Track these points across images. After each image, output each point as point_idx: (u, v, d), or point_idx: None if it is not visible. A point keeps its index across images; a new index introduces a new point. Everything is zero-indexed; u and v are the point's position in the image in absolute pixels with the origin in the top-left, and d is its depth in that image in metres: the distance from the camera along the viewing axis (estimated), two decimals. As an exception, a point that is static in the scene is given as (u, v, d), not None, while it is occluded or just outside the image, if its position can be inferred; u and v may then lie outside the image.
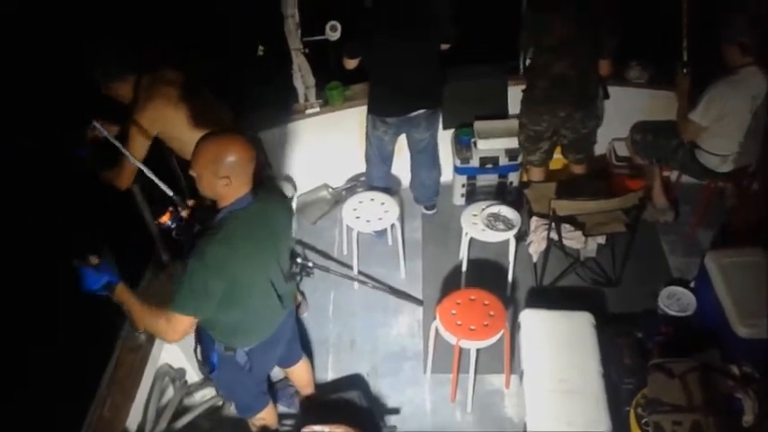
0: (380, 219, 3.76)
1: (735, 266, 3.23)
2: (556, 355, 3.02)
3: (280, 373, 3.26)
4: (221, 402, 3.22)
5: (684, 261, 3.92)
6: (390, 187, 4.20)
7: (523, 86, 3.76)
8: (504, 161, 4.16)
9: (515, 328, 3.26)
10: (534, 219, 3.68)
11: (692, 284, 3.59)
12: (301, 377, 3.14)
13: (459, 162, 4.20)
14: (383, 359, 3.58)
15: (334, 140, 4.28)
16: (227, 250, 2.16)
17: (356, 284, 3.90)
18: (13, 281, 3.88)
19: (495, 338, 3.05)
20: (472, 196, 4.34)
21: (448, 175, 4.35)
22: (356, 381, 3.48)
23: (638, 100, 4.14)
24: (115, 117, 2.98)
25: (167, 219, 2.46)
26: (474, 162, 4.18)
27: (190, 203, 2.50)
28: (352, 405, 3.17)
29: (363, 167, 4.18)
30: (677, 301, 3.52)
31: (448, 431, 3.27)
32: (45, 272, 2.21)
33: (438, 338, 3.21)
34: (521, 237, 3.76)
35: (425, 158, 4.06)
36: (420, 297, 3.87)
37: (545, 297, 3.73)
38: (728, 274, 3.20)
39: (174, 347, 3.07)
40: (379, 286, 3.84)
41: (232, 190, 2.19)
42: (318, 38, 3.79)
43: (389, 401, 3.39)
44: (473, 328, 3.04)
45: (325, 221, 4.40)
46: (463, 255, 3.83)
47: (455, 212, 4.10)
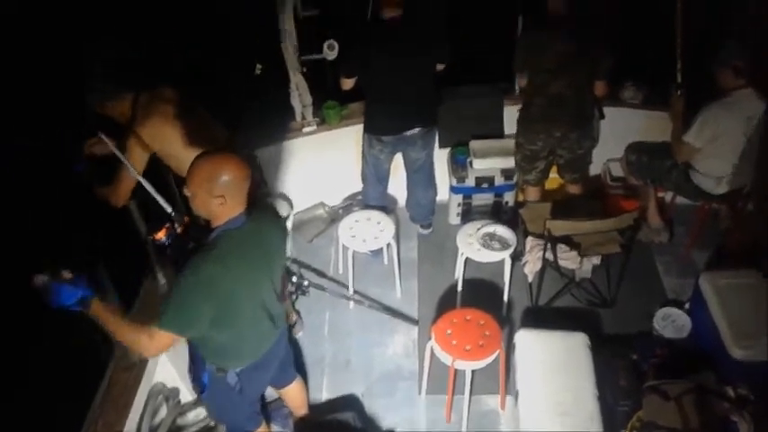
0: (376, 238, 3.76)
1: (730, 288, 3.24)
2: (551, 377, 3.00)
3: (274, 394, 3.23)
4: (214, 423, 3.19)
5: (679, 282, 3.92)
6: (386, 206, 4.20)
7: (519, 106, 3.79)
8: (500, 181, 4.18)
9: (511, 348, 3.25)
10: (530, 239, 3.69)
11: (687, 306, 3.59)
12: (295, 398, 3.11)
13: (455, 181, 4.21)
14: (378, 379, 3.56)
15: (330, 159, 4.29)
16: (220, 269, 2.14)
17: (352, 304, 3.89)
18: (13, 281, 3.86)
19: (490, 359, 3.04)
20: (468, 215, 4.35)
21: (444, 194, 4.37)
22: (351, 401, 3.45)
23: (633, 120, 4.16)
24: (110, 135, 2.98)
25: (163, 235, 2.45)
26: (470, 181, 4.19)
27: (185, 220, 2.49)
28: (346, 426, 3.15)
29: (360, 186, 4.19)
30: (672, 322, 3.53)
31: (443, 452, 3.25)
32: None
33: (433, 358, 3.20)
34: (516, 257, 3.75)
35: (421, 178, 4.07)
36: (415, 317, 3.86)
37: (540, 317, 3.73)
38: (723, 295, 3.21)
39: (169, 366, 3.04)
40: (375, 305, 3.83)
41: (226, 209, 2.18)
42: (316, 57, 3.83)
43: (384, 422, 3.36)
44: (468, 348, 3.02)
45: (321, 240, 4.40)
46: (459, 274, 3.83)
47: (451, 232, 4.11)
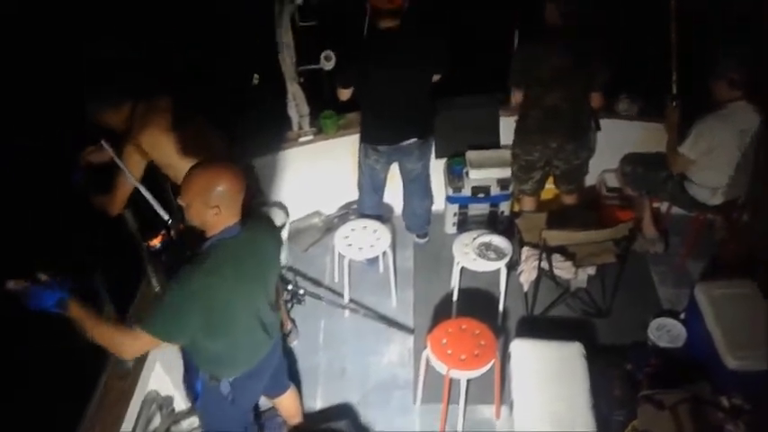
0: (372, 246, 3.77)
1: (725, 298, 3.24)
2: (546, 386, 3.00)
3: (267, 403, 3.23)
4: (207, 432, 3.19)
5: (674, 292, 3.93)
6: (382, 215, 4.20)
7: (515, 117, 3.80)
8: (496, 191, 4.19)
9: (506, 357, 3.25)
10: (525, 248, 3.69)
11: (682, 316, 3.60)
12: (289, 407, 3.10)
13: (451, 191, 4.22)
14: (373, 388, 3.56)
15: (326, 168, 4.30)
16: (215, 279, 2.14)
17: (347, 312, 3.89)
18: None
19: (485, 368, 3.04)
20: (464, 225, 4.35)
21: (440, 203, 4.37)
22: (345, 410, 3.45)
23: (629, 132, 4.18)
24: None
25: (158, 242, 2.46)
26: (466, 191, 4.20)
27: (181, 228, 2.50)
28: (340, 435, 3.14)
29: (356, 195, 4.19)
30: (667, 332, 3.53)
31: (437, 462, 3.24)
32: (44, 271, 2.20)
33: (428, 367, 3.20)
34: (512, 266, 3.76)
35: (418, 188, 4.08)
36: (411, 326, 3.85)
37: (536, 327, 3.73)
38: (718, 305, 3.22)
39: (163, 375, 3.04)
40: (370, 314, 3.83)
41: (221, 219, 2.18)
42: (313, 67, 3.85)
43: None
44: (464, 357, 3.02)
45: (317, 249, 4.40)
46: (454, 284, 3.84)
47: (447, 241, 4.11)
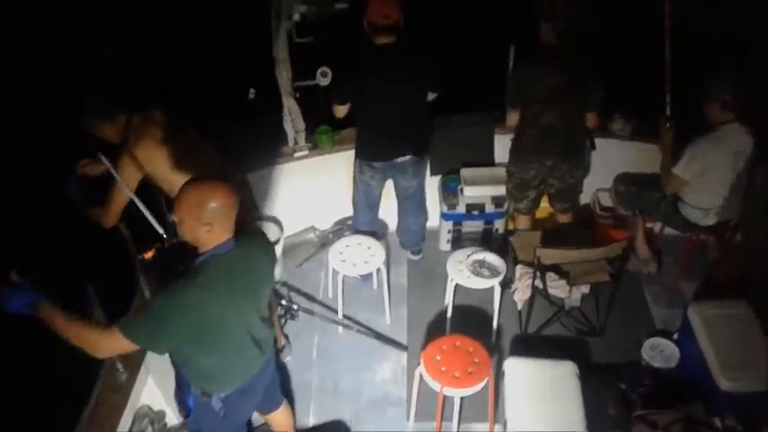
0: (366, 262, 3.76)
1: (718, 319, 3.25)
2: (539, 405, 2.99)
3: (260, 418, 3.20)
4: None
5: (668, 312, 3.93)
6: (377, 232, 4.20)
7: (511, 136, 3.82)
8: (491, 208, 4.20)
9: (500, 375, 3.24)
10: (519, 266, 3.70)
11: (676, 336, 3.60)
12: (281, 423, 3.08)
13: (445, 208, 4.23)
14: (366, 405, 3.54)
15: (321, 184, 4.31)
16: (207, 294, 2.13)
17: (340, 328, 3.88)
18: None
19: (479, 386, 3.03)
20: (458, 242, 4.36)
21: (434, 220, 4.38)
22: (338, 426, 3.43)
23: (623, 152, 4.20)
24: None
25: (152, 255, 2.46)
26: (460, 208, 4.21)
27: (174, 242, 2.50)
28: (332, 452, 3.12)
29: (350, 211, 4.19)
30: (660, 352, 3.53)
31: (430, 480, 3.22)
32: (45, 271, 2.19)
33: (422, 385, 3.18)
34: (506, 284, 3.76)
35: (412, 205, 4.08)
36: (405, 342, 3.84)
37: (529, 345, 3.73)
38: (711, 326, 3.22)
39: (155, 389, 3.02)
40: (364, 331, 3.82)
41: (214, 236, 2.17)
42: (309, 83, 3.86)
43: (371, 449, 3.34)
44: (457, 375, 3.01)
45: (311, 264, 4.39)
46: (448, 301, 3.83)
47: (441, 258, 4.11)
